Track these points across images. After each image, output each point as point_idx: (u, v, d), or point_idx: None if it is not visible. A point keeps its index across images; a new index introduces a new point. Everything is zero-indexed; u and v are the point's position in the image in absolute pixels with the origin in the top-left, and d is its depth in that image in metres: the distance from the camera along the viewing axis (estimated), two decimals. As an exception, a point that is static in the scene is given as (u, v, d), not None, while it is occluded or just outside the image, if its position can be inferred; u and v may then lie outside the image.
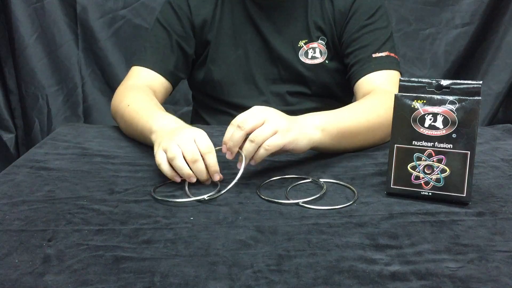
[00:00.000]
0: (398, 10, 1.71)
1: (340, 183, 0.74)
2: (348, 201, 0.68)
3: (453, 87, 0.65)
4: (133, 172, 0.79)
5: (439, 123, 0.65)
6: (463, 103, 0.64)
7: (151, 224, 0.61)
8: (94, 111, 1.77)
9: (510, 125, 1.04)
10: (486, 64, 1.76)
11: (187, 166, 0.71)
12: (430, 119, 0.66)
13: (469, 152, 0.64)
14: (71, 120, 1.74)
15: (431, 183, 0.67)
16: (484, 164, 0.82)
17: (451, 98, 0.65)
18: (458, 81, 0.65)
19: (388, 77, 0.99)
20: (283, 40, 1.08)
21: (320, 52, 1.08)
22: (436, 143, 0.66)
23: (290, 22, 1.08)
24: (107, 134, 1.00)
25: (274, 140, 0.71)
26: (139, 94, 0.98)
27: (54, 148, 0.90)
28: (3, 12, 1.66)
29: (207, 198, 0.68)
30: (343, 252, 0.54)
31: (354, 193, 0.70)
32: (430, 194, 0.67)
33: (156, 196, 0.69)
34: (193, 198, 0.68)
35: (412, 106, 0.67)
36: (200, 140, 0.72)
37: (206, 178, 0.73)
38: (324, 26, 1.07)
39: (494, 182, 0.74)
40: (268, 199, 0.69)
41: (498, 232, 0.59)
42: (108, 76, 1.74)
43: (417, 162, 0.67)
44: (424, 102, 0.66)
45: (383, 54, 1.01)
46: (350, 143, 0.86)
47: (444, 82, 0.66)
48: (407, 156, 0.67)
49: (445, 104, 0.65)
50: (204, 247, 0.55)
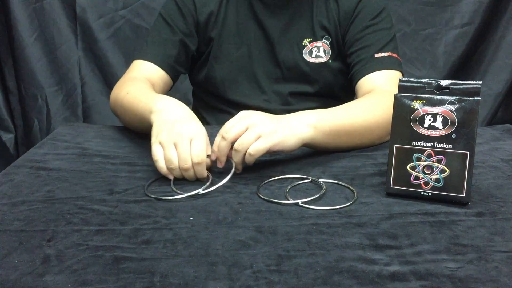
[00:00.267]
0: (397, 10, 1.71)
1: (339, 183, 0.74)
2: (348, 201, 0.68)
3: (452, 88, 0.66)
4: (132, 172, 0.79)
5: (438, 123, 0.65)
6: (463, 104, 0.64)
7: (151, 224, 0.61)
8: (93, 111, 1.77)
9: (509, 125, 1.04)
10: (486, 64, 1.76)
11: (179, 172, 0.73)
12: (430, 119, 0.66)
13: (468, 152, 0.64)
14: (70, 120, 1.74)
15: (430, 183, 0.67)
16: (484, 164, 0.82)
17: (450, 98, 0.65)
18: (458, 81, 0.66)
19: (389, 77, 0.99)
20: (287, 39, 1.09)
21: (324, 52, 1.08)
22: (435, 144, 0.66)
23: (295, 21, 1.08)
24: (106, 134, 1.00)
25: (258, 145, 0.72)
26: (139, 83, 0.97)
27: (53, 148, 0.90)
28: (3, 12, 1.66)
29: (202, 192, 0.70)
30: (343, 252, 0.54)
31: (354, 193, 0.71)
32: (430, 194, 0.67)
33: (150, 194, 0.69)
34: (186, 194, 0.69)
35: (412, 106, 0.67)
36: (195, 146, 0.73)
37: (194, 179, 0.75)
38: (328, 25, 1.07)
39: (494, 183, 0.74)
40: (268, 199, 0.69)
41: (497, 233, 0.59)
42: (107, 77, 1.74)
43: (416, 162, 0.67)
44: (424, 102, 0.66)
45: (385, 55, 1.01)
46: (345, 142, 0.86)
47: (444, 83, 0.66)
48: (406, 156, 0.67)
49: (444, 104, 0.65)
50: (203, 247, 0.55)
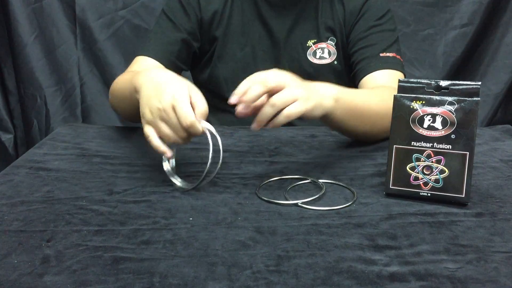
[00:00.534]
0: (397, 11, 1.71)
1: (339, 183, 0.74)
2: (347, 201, 0.68)
3: (452, 88, 0.66)
4: (132, 173, 0.79)
5: (438, 124, 0.65)
6: (462, 104, 0.64)
7: (150, 224, 0.61)
8: (92, 111, 1.77)
9: (509, 125, 1.04)
10: (485, 65, 1.76)
11: (181, 141, 0.70)
12: (429, 120, 0.66)
13: (468, 153, 0.64)
14: (70, 121, 1.73)
15: (430, 183, 0.67)
16: (483, 164, 0.82)
17: (450, 99, 0.65)
18: (457, 82, 0.66)
19: (394, 77, 0.99)
20: (292, 40, 1.09)
21: (329, 53, 1.08)
22: (435, 144, 0.66)
23: (300, 22, 1.08)
24: (106, 135, 1.00)
25: (295, 108, 0.69)
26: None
27: (53, 149, 0.90)
28: (2, 13, 1.66)
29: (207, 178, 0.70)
30: (342, 252, 0.54)
31: (353, 193, 0.71)
32: (429, 194, 0.67)
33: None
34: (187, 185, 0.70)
35: (411, 106, 0.67)
36: (178, 113, 0.68)
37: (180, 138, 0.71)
38: (334, 26, 1.08)
39: (493, 183, 0.74)
40: (267, 199, 0.69)
41: (497, 233, 0.59)
42: (107, 77, 1.74)
43: (416, 163, 0.67)
44: (423, 102, 0.66)
45: (389, 55, 1.02)
46: (358, 124, 0.85)
47: (443, 83, 0.66)
48: (406, 156, 0.67)
49: (444, 105, 0.65)
50: (203, 248, 0.55)
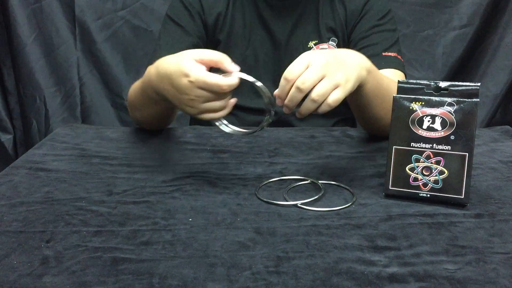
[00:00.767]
0: (396, 11, 1.71)
1: (338, 184, 0.74)
2: (347, 202, 0.68)
3: (451, 89, 0.66)
4: (131, 174, 0.79)
5: (437, 125, 0.66)
6: (461, 105, 0.64)
7: (150, 225, 0.61)
8: (92, 112, 1.76)
9: (508, 126, 1.04)
10: (484, 66, 1.76)
11: (213, 104, 0.69)
12: (429, 121, 0.66)
13: (467, 154, 0.64)
14: (69, 121, 1.73)
15: (429, 184, 0.67)
16: (482, 165, 0.82)
17: (449, 100, 0.65)
18: (456, 83, 0.66)
19: (396, 76, 0.99)
20: (293, 41, 1.09)
21: None
22: (434, 145, 0.66)
23: (301, 23, 1.08)
24: (105, 135, 1.00)
25: (337, 96, 0.67)
26: None
27: (52, 149, 0.90)
28: (2, 13, 1.66)
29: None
30: (342, 253, 0.54)
31: (353, 194, 0.71)
32: (428, 195, 0.67)
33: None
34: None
35: (411, 107, 0.67)
36: (208, 85, 0.67)
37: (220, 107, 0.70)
38: (335, 26, 1.07)
39: (492, 184, 0.74)
40: (267, 200, 0.69)
41: (496, 234, 0.59)
42: (106, 78, 1.74)
43: (415, 164, 0.67)
44: (423, 103, 0.66)
45: (391, 54, 1.02)
46: (379, 104, 0.82)
47: (443, 84, 0.66)
48: (405, 157, 0.67)
49: (443, 106, 0.65)
50: (202, 249, 0.55)
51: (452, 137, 0.65)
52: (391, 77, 0.99)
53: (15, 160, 0.85)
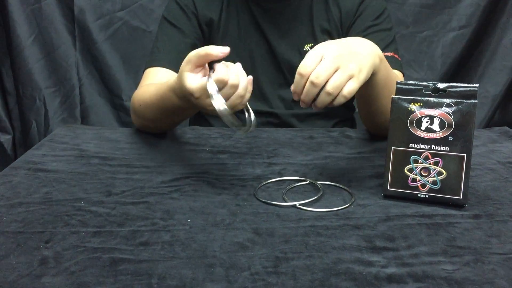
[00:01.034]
0: (395, 12, 1.72)
1: (337, 185, 0.74)
2: (345, 203, 0.68)
3: (449, 90, 0.66)
4: (130, 174, 0.79)
5: (435, 126, 0.66)
6: (460, 106, 0.65)
7: (149, 226, 0.61)
8: (91, 112, 1.76)
9: (506, 127, 1.04)
10: (483, 67, 1.76)
11: (235, 95, 0.69)
12: (427, 122, 0.66)
13: (465, 154, 0.65)
14: (68, 122, 1.73)
15: (427, 185, 0.67)
16: (481, 166, 0.82)
17: (447, 101, 0.65)
18: (455, 84, 0.66)
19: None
20: (288, 44, 1.08)
21: None
22: (432, 146, 0.66)
23: (295, 26, 1.08)
24: (104, 136, 1.00)
25: (352, 87, 0.67)
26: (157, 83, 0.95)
27: (51, 150, 0.90)
28: (1, 14, 1.65)
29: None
30: (340, 254, 0.55)
31: (351, 195, 0.71)
32: (427, 196, 0.67)
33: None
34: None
35: (409, 108, 0.67)
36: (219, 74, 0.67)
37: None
38: (330, 28, 1.07)
39: (491, 185, 0.75)
40: (266, 201, 0.69)
41: (494, 235, 0.59)
42: (105, 78, 1.74)
43: (413, 165, 0.67)
44: (421, 105, 0.66)
45: (388, 54, 1.01)
46: (387, 96, 0.81)
47: (441, 85, 0.66)
48: (404, 158, 0.68)
49: (441, 107, 0.65)
50: (201, 249, 0.56)
51: (450, 138, 0.65)
52: None
53: (14, 161, 0.86)
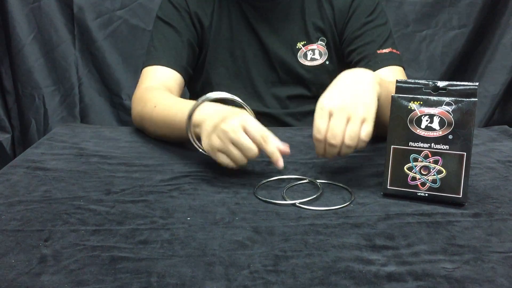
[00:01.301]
0: (395, 11, 1.72)
1: (336, 184, 0.74)
2: (345, 202, 0.68)
3: (449, 89, 0.66)
4: (129, 173, 0.79)
5: (435, 124, 0.66)
6: (460, 105, 0.64)
7: (148, 224, 0.61)
8: (90, 111, 1.77)
9: (506, 126, 1.04)
10: (483, 66, 1.76)
11: (237, 153, 0.70)
12: (427, 120, 0.66)
13: (465, 153, 0.65)
14: (68, 121, 1.73)
15: (427, 184, 0.67)
16: (480, 165, 0.82)
17: (447, 99, 0.65)
18: (455, 82, 0.66)
19: (394, 73, 0.99)
20: (281, 42, 1.08)
21: (320, 54, 1.07)
22: (432, 144, 0.66)
23: (287, 24, 1.07)
24: (104, 135, 1.00)
25: (367, 130, 0.69)
26: (161, 93, 0.95)
27: (50, 148, 0.90)
28: (0, 12, 1.65)
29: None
30: (340, 252, 0.55)
31: (351, 194, 0.71)
32: (427, 195, 0.67)
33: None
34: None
35: (409, 107, 0.67)
36: (251, 128, 0.69)
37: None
38: (323, 26, 1.06)
39: (490, 183, 0.75)
40: (265, 199, 0.69)
41: (494, 233, 0.59)
42: (105, 77, 1.74)
43: (413, 163, 0.67)
44: (421, 103, 0.66)
45: (386, 51, 1.01)
46: (387, 113, 0.78)
47: (441, 84, 0.66)
48: (403, 157, 0.67)
49: (441, 105, 0.65)
50: (201, 248, 0.55)
51: (450, 136, 0.65)
52: (391, 76, 0.99)
53: (13, 159, 0.85)
